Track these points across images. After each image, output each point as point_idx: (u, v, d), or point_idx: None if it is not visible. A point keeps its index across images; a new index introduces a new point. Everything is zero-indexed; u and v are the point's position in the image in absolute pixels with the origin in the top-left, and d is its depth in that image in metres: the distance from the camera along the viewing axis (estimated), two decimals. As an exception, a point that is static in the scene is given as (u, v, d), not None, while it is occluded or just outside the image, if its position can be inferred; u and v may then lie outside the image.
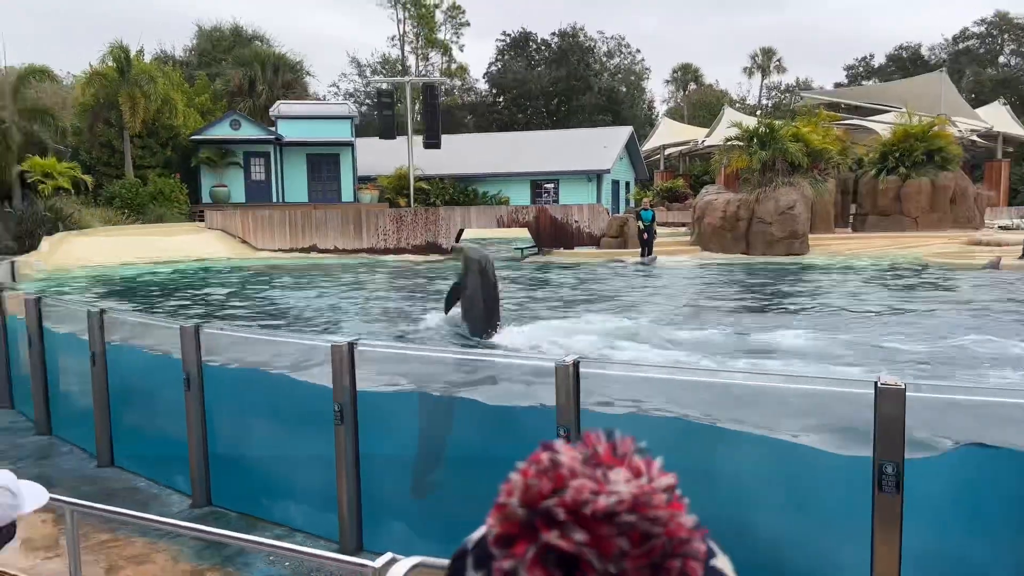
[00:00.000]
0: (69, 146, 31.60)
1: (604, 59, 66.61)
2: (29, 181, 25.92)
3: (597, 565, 0.58)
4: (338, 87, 65.76)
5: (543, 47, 64.85)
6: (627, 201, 41.30)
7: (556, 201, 37.02)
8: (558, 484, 0.60)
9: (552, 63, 62.64)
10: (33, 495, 2.12)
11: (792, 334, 9.21)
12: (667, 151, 46.08)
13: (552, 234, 23.38)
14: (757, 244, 20.57)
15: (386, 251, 24.26)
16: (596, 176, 38.74)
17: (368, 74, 64.29)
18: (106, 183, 30.08)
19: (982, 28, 66.19)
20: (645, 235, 20.28)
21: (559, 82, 60.91)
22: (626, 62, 68.10)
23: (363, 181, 35.96)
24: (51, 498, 2.31)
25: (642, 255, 20.18)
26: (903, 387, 4.07)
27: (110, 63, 30.42)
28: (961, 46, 66.45)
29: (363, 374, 4.96)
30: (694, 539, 0.61)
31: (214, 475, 5.77)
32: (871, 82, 61.94)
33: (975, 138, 39.21)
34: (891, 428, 4.08)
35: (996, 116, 42.69)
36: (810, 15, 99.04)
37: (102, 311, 6.66)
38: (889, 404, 4.12)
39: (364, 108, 57.63)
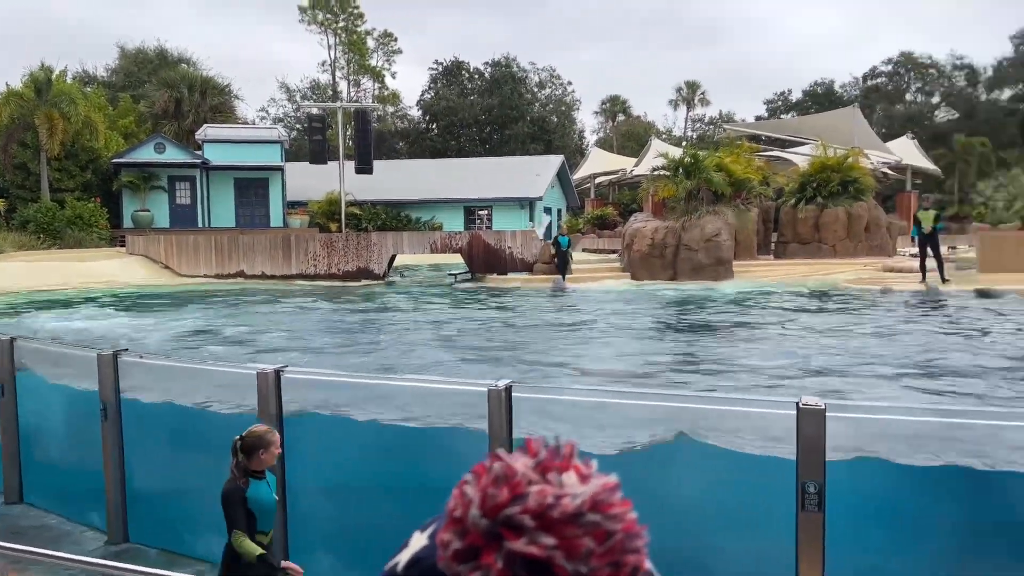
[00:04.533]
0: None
1: (536, 89, 67.64)
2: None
3: (568, 567, 0.58)
4: (267, 112, 64.89)
5: (476, 76, 65.47)
6: (559, 228, 41.85)
7: (490, 227, 37.21)
8: (517, 491, 0.60)
9: (485, 92, 63.26)
10: None
11: (716, 356, 9.44)
12: (597, 180, 46.91)
13: (485, 260, 23.44)
14: (684, 270, 21.06)
15: (316, 276, 23.88)
16: (529, 203, 39.13)
17: (298, 99, 63.65)
18: (20, 207, 28.81)
19: (890, 67, 69.93)
20: (559, 260, 21.05)
21: (492, 110, 61.53)
22: (557, 93, 69.30)
23: (293, 206, 35.42)
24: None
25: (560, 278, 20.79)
26: (823, 407, 4.22)
27: (29, 84, 29.36)
28: (871, 83, 70.02)
29: (293, 398, 4.86)
30: (642, 534, 0.63)
31: (131, 510, 5.53)
32: (789, 116, 64.58)
33: (886, 170, 41.17)
34: (812, 448, 4.22)
35: (905, 150, 44.97)
36: (733, 52, 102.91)
37: (12, 339, 6.35)
38: (810, 424, 4.26)
39: (294, 133, 56.97)
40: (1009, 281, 16.31)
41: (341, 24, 62.40)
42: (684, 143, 55.28)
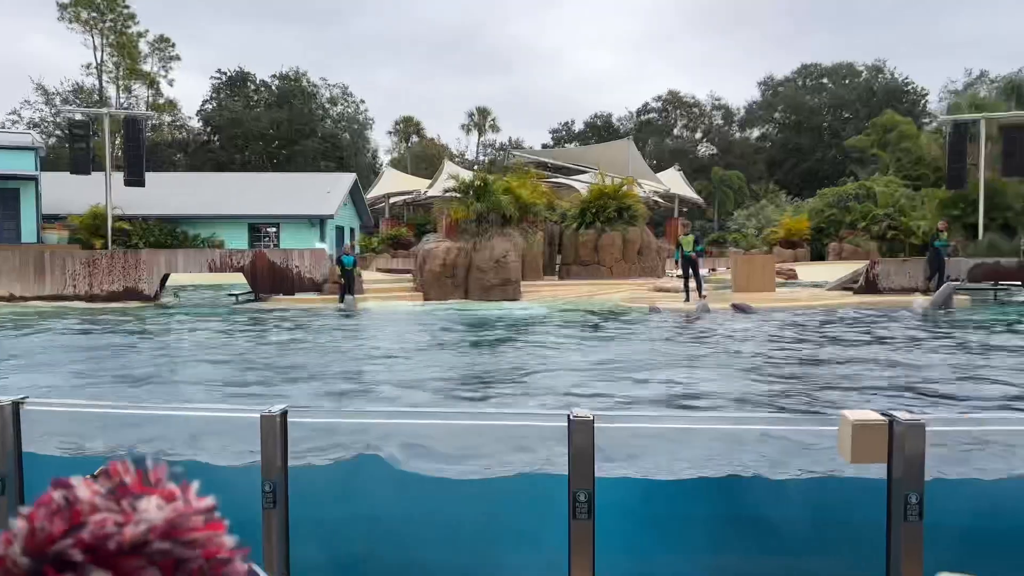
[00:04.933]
0: None
1: (328, 105, 66.33)
2: None
3: None
4: (20, 115, 58.13)
5: (262, 88, 62.96)
6: (343, 247, 41.22)
7: (278, 245, 35.75)
8: (75, 522, 0.54)
9: (272, 105, 60.99)
10: None
11: (497, 372, 9.69)
12: (392, 200, 46.81)
13: (271, 279, 22.43)
14: (475, 290, 21.52)
15: (76, 298, 21.57)
16: (320, 221, 38.12)
17: (58, 103, 57.63)
18: None
19: (659, 104, 76.54)
20: (345, 280, 20.77)
21: (280, 125, 59.41)
22: (350, 110, 68.43)
23: (50, 220, 31.89)
24: None
25: (341, 299, 20.45)
26: (591, 418, 4.44)
27: None
28: (644, 118, 76.15)
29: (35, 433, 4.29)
30: (234, 559, 0.58)
31: None
32: (572, 145, 68.46)
33: (657, 198, 44.91)
34: (582, 457, 4.42)
35: (673, 180, 49.35)
36: (522, 81, 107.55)
37: None
38: (580, 434, 4.47)
39: (53, 140, 51.48)
40: (757, 300, 18.32)
41: (108, 24, 57.45)
42: (475, 167, 56.80)
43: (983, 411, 7.12)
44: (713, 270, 30.40)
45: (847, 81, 71.77)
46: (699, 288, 18.39)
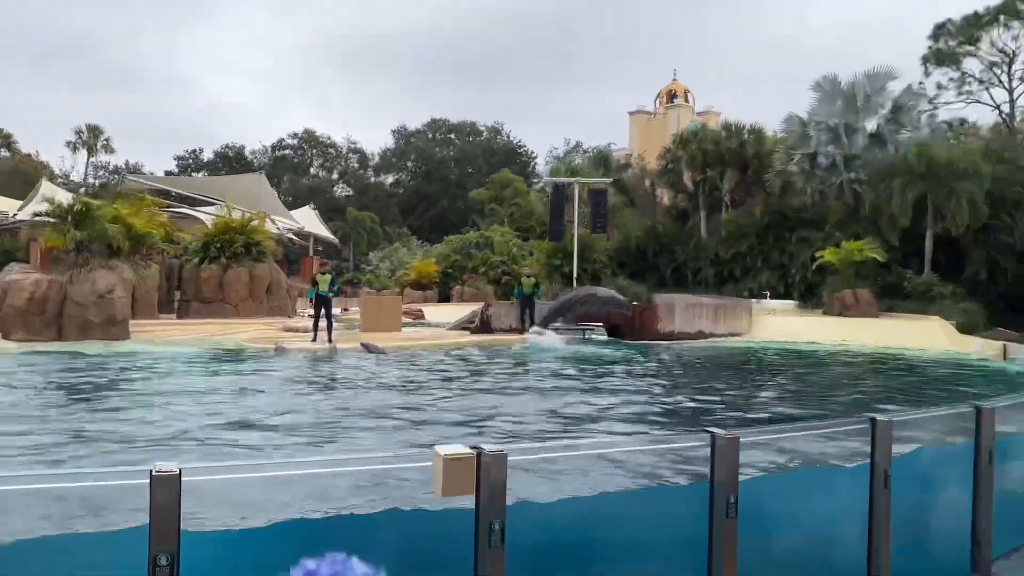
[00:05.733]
0: None
1: None
2: None
3: None
4: None
5: None
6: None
7: None
8: None
9: None
10: None
11: (88, 427, 8.50)
12: (-35, 221, 39.18)
13: None
14: (71, 329, 18.76)
15: None
16: None
17: None
18: None
19: (296, 141, 75.81)
20: None
21: None
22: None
23: None
24: None
25: None
26: (178, 472, 4.03)
27: None
28: (279, 154, 74.72)
29: None
30: None
31: None
32: (201, 174, 64.44)
33: (292, 236, 44.09)
34: (166, 517, 3.97)
35: (308, 218, 48.91)
36: (146, 103, 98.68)
37: None
38: (163, 491, 4.02)
39: None
40: (385, 339, 18.79)
41: None
42: (82, 189, 50.34)
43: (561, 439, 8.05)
44: (346, 309, 30.55)
45: (471, 139, 78.43)
46: (329, 329, 18.27)
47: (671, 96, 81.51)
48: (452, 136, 78.81)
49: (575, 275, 35.82)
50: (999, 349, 19.11)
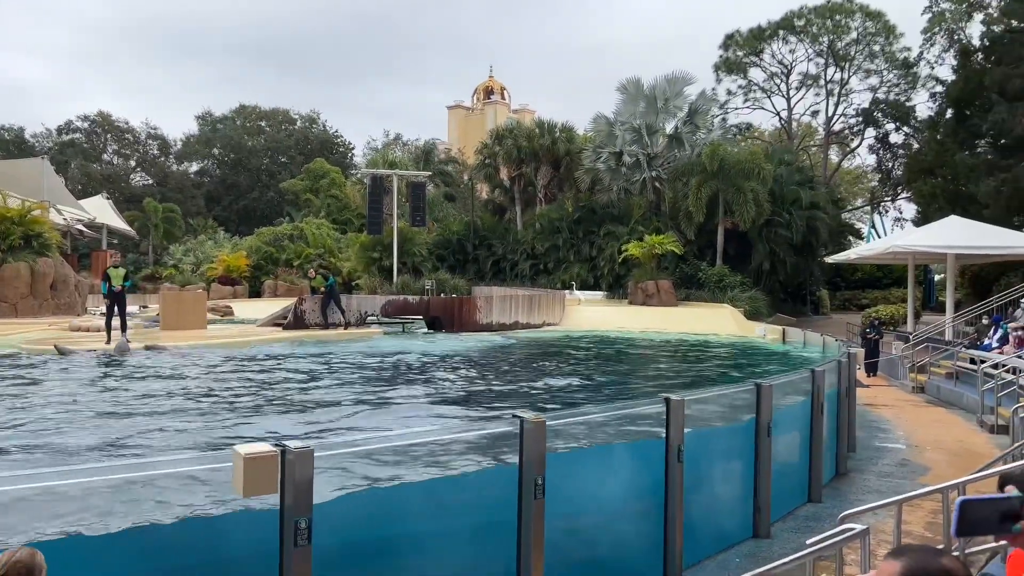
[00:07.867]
0: None
1: None
2: None
3: None
4: None
5: None
6: None
7: None
8: None
9: None
10: None
11: None
12: None
13: None
14: None
15: None
16: None
17: None
18: None
19: (87, 124, 69.18)
20: None
21: None
22: None
23: None
24: None
25: None
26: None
27: None
28: (67, 138, 67.86)
29: None
30: None
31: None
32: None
33: (81, 227, 40.23)
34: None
35: (101, 209, 44.90)
36: None
37: None
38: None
39: None
40: (188, 337, 17.63)
41: None
42: None
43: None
44: (144, 307, 28.35)
45: (284, 127, 75.33)
46: (123, 327, 16.82)
47: (488, 92, 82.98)
48: (263, 124, 75.28)
49: (395, 268, 35.53)
50: (779, 333, 21.21)
